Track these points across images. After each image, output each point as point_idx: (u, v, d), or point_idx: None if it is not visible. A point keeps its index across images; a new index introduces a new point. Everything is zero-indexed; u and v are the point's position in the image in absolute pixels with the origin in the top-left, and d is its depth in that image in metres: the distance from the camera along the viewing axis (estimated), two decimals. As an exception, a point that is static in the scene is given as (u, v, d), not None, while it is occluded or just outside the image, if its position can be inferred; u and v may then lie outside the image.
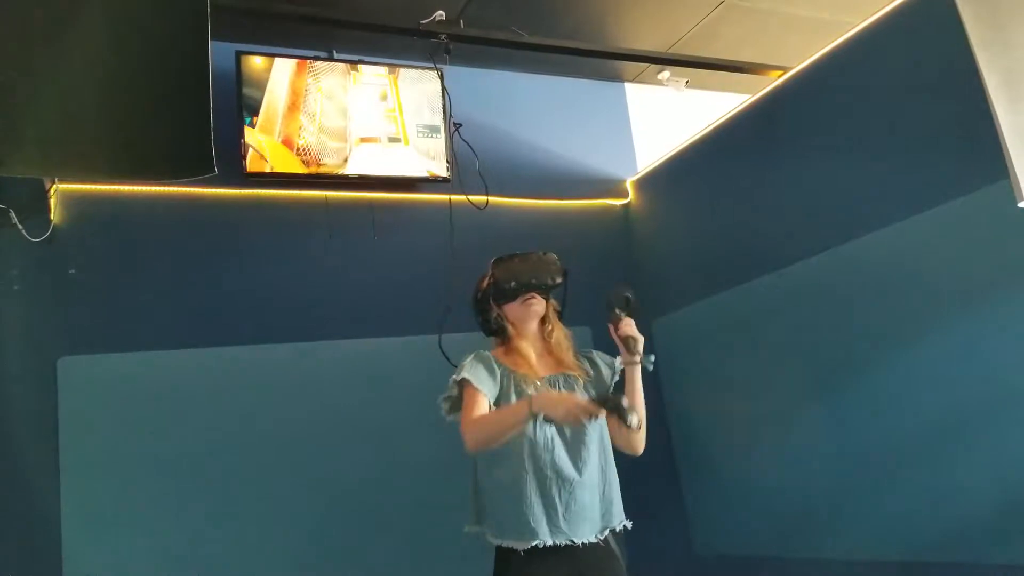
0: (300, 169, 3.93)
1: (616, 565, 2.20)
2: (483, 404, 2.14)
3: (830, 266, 3.53)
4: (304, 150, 3.94)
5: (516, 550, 2.09)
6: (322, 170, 3.97)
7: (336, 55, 4.22)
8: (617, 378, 2.37)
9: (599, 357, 2.41)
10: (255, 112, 3.85)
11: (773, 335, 3.84)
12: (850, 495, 3.42)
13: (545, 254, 2.34)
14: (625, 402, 1.96)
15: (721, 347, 4.16)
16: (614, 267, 4.75)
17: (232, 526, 3.47)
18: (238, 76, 3.86)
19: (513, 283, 2.25)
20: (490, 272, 2.32)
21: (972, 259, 2.95)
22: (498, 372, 2.22)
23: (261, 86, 3.89)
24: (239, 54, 3.89)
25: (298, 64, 4.00)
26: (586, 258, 4.70)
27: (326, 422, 3.75)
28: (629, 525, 2.24)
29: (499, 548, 2.16)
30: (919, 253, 3.15)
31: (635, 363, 2.21)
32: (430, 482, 3.73)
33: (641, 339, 2.23)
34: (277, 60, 3.95)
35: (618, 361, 2.34)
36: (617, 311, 2.25)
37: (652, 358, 2.22)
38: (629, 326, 2.24)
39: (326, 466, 3.68)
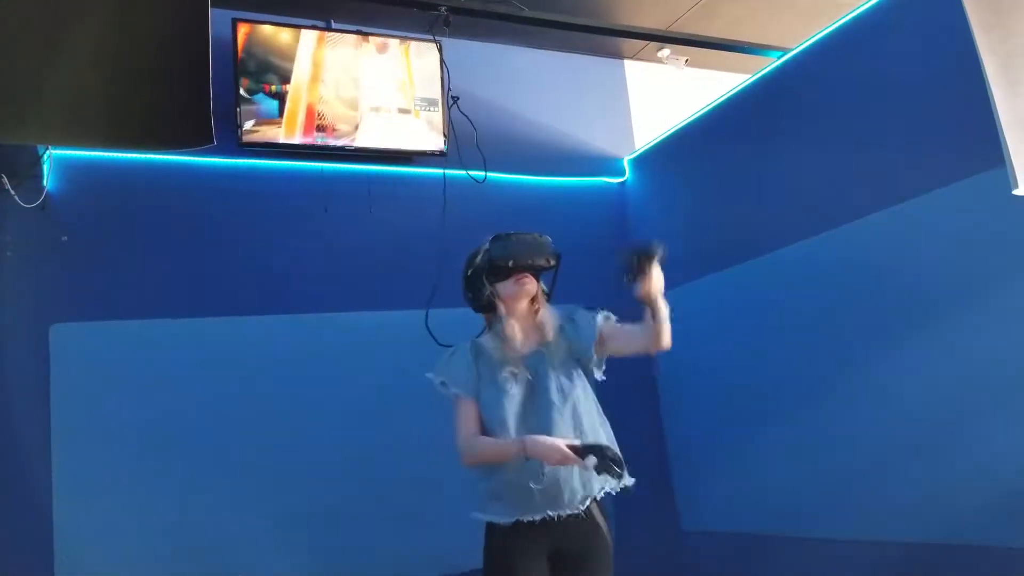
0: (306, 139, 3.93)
1: (599, 537, 2.21)
2: (470, 412, 2.25)
3: (825, 249, 3.54)
4: (321, 115, 3.99)
5: (498, 524, 2.17)
6: (336, 135, 4.02)
7: (334, 25, 4.19)
8: (602, 328, 2.35)
9: (580, 316, 2.40)
10: (287, 81, 3.95)
11: (766, 316, 3.86)
12: (837, 475, 3.46)
13: (541, 235, 2.36)
14: (607, 453, 2.04)
15: (714, 327, 4.18)
16: (609, 245, 4.73)
17: (222, 494, 3.49)
18: (234, 43, 3.83)
19: (510, 262, 2.28)
20: (486, 249, 2.33)
21: (967, 244, 2.96)
22: (474, 364, 2.28)
23: (290, 57, 3.96)
24: (235, 21, 3.86)
25: (318, 36, 4.04)
26: (581, 235, 4.71)
27: (319, 393, 3.76)
28: (615, 488, 2.21)
29: (487, 524, 2.22)
30: (914, 237, 3.16)
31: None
32: (422, 457, 3.75)
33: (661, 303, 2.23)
34: (303, 32, 4.00)
35: (600, 317, 2.36)
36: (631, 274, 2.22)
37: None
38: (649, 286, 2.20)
39: (318, 437, 3.70)
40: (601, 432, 2.26)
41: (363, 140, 4.07)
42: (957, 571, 2.94)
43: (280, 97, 3.92)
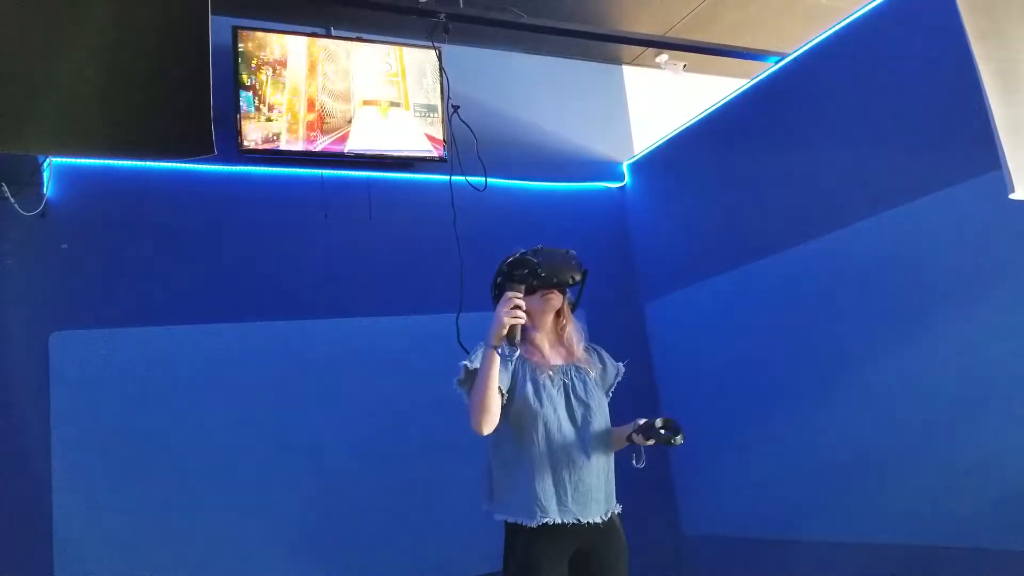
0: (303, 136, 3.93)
1: (620, 543, 2.29)
2: None
3: (823, 252, 3.55)
4: (320, 109, 4.01)
5: (525, 526, 2.17)
6: (327, 131, 4.01)
7: (334, 32, 4.20)
8: (620, 378, 2.47)
9: (605, 355, 2.49)
10: (259, 69, 3.92)
11: (764, 320, 3.87)
12: (837, 478, 3.46)
13: (567, 251, 2.38)
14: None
15: (713, 331, 4.19)
16: (609, 249, 4.77)
17: (223, 500, 3.49)
18: (235, 51, 3.84)
19: (535, 281, 2.30)
20: (513, 262, 2.35)
21: (963, 248, 2.97)
22: (511, 360, 2.26)
23: (261, 45, 3.94)
24: (236, 28, 3.87)
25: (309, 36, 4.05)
26: (581, 240, 4.70)
27: (319, 400, 3.77)
28: (619, 509, 2.33)
29: (508, 524, 2.22)
30: (911, 241, 3.17)
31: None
32: (429, 460, 3.76)
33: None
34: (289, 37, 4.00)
35: (621, 367, 2.47)
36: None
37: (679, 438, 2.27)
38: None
39: (318, 443, 3.71)
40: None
41: (358, 137, 4.06)
42: (956, 574, 2.95)
43: (253, 89, 3.89)
